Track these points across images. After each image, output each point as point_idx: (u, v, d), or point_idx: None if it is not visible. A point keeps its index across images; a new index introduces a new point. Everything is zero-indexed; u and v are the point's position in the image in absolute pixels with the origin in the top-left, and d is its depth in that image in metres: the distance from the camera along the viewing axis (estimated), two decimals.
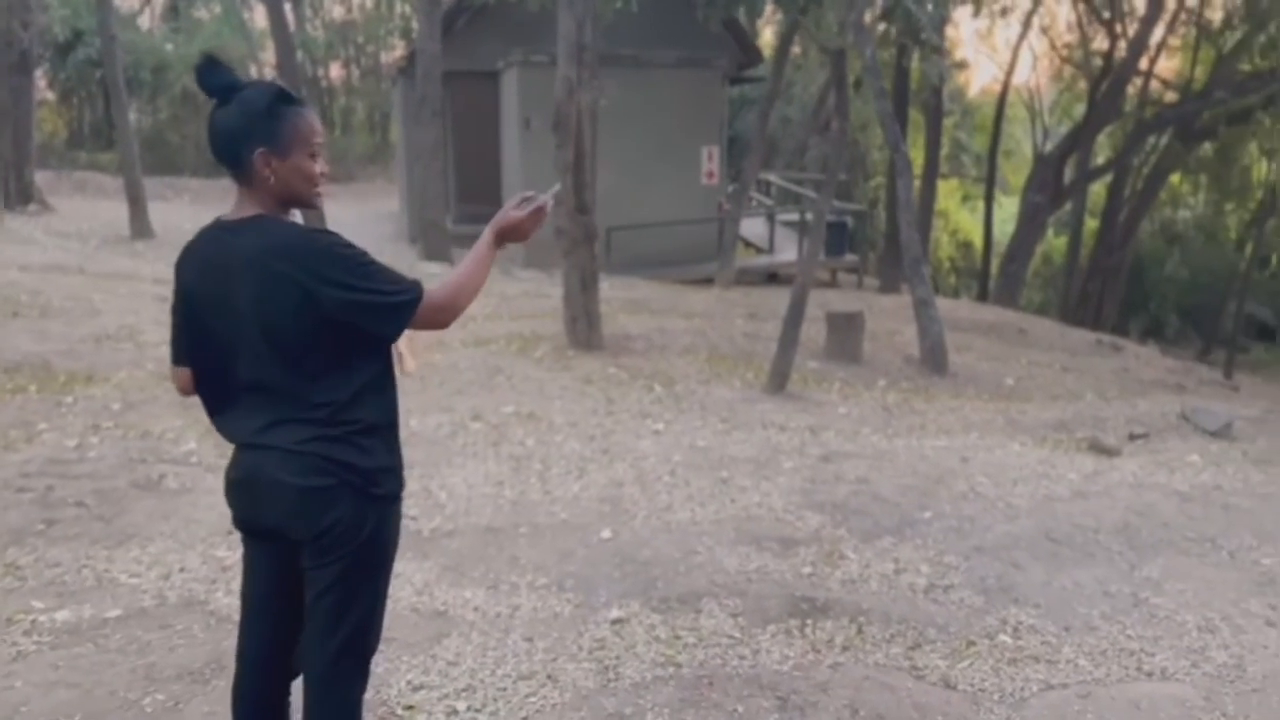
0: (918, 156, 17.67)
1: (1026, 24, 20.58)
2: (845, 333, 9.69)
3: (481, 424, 6.59)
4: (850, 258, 17.90)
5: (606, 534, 4.83)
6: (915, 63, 13.34)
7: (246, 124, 2.10)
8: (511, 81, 16.12)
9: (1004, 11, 18.72)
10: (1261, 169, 24.32)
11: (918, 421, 7.48)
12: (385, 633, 3.85)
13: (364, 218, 21.15)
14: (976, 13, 14.11)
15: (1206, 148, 22.21)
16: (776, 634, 3.97)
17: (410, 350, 2.77)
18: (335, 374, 2.16)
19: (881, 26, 10.81)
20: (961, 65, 21.27)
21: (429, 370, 7.64)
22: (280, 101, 2.13)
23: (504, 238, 2.33)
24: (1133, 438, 7.49)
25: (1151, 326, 24.71)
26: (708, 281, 15.24)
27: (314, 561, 2.23)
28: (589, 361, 8.74)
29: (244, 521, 2.32)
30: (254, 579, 2.38)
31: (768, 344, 10.15)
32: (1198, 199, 26.23)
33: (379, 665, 3.56)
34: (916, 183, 18.56)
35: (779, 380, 7.93)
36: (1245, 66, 20.72)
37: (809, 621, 4.08)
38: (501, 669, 3.57)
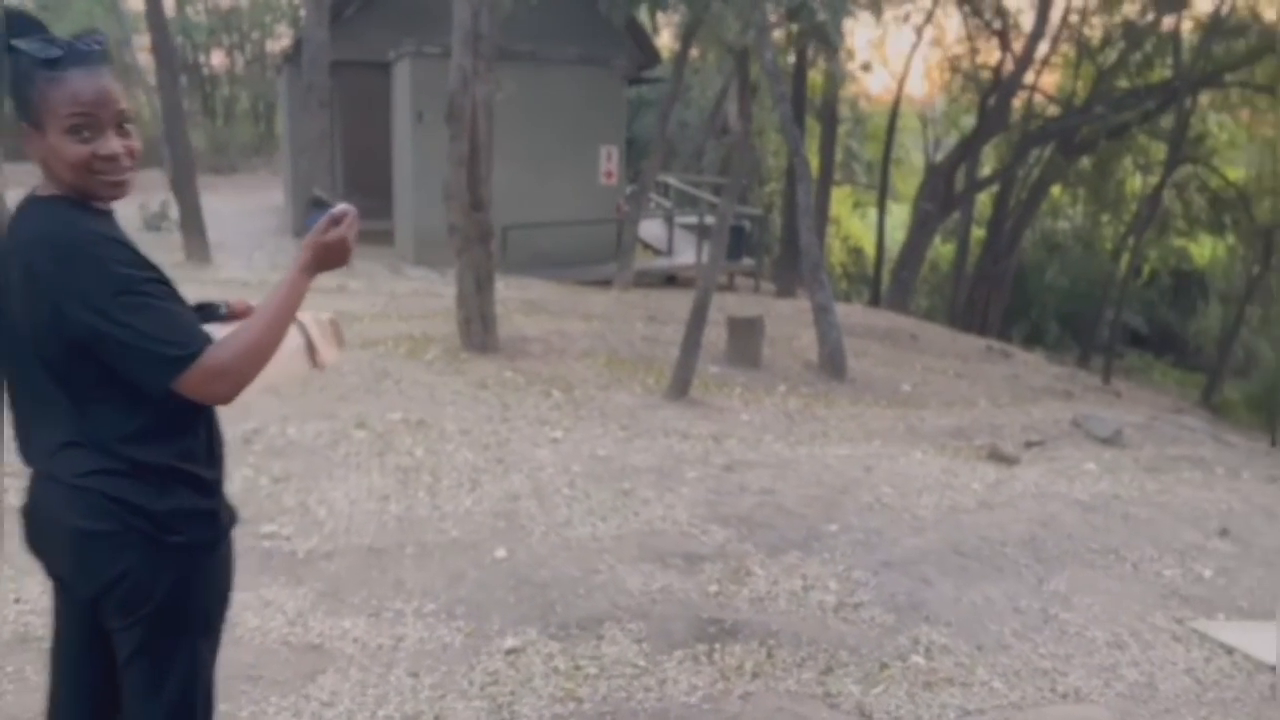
0: (813, 163, 17.80)
1: (919, 34, 20.98)
2: (746, 337, 9.55)
3: (366, 432, 6.18)
4: (747, 262, 17.90)
5: (501, 553, 4.51)
6: (819, 66, 13.34)
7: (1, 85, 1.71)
8: (404, 73, 15.58)
9: (906, 17, 19.01)
10: (1135, 182, 25.36)
11: (820, 429, 7.36)
12: (251, 671, 3.48)
13: (246, 211, 20.24)
14: (878, 17, 14.21)
15: (1085, 161, 23.02)
16: (684, 661, 3.73)
17: (324, 338, 2.26)
18: (115, 399, 1.75)
19: (778, 32, 10.77)
20: (866, 68, 21.53)
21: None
22: (27, 57, 1.70)
23: (322, 264, 1.86)
24: (1029, 445, 7.53)
25: (1032, 333, 25.49)
26: (606, 283, 14.99)
27: (112, 622, 1.83)
28: (483, 365, 8.38)
29: (42, 565, 1.92)
30: (62, 634, 1.96)
31: (668, 348, 9.96)
32: (1076, 210, 27.19)
33: (243, 709, 3.17)
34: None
35: (681, 386, 7.72)
36: (1123, 84, 21.55)
37: (717, 646, 3.85)
38: (383, 710, 3.23)
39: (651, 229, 18.04)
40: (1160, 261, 25.73)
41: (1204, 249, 26.71)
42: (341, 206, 1.90)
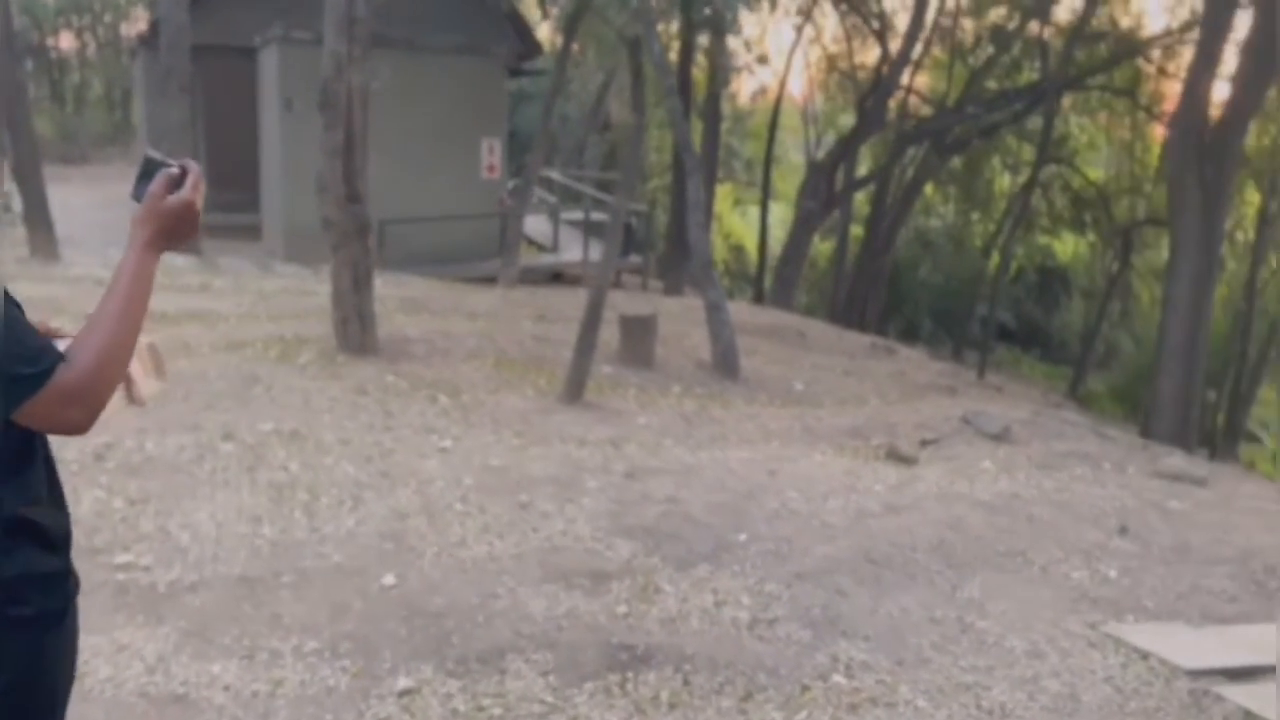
0: None
1: (799, 33, 21.15)
2: (638, 337, 9.30)
3: (234, 445, 5.66)
4: (634, 259, 17.69)
5: (390, 580, 4.12)
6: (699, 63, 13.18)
7: None
8: (271, 59, 14.77)
9: (791, 10, 19.07)
10: (1004, 181, 26.23)
11: (719, 431, 7.17)
12: None
13: (98, 203, 18.90)
14: (773, 8, 14.11)
15: (957, 161, 23.65)
16: (595, 694, 3.44)
17: (142, 367, 1.87)
18: None
19: (661, 26, 10.59)
20: (763, 60, 21.53)
21: (170, 380, 6.58)
22: None
23: (169, 236, 1.53)
24: (924, 443, 7.50)
25: (907, 329, 26.08)
26: (490, 280, 14.54)
27: None
28: (363, 368, 7.88)
29: None
30: None
31: (559, 348, 9.62)
32: (948, 209, 27.94)
33: None
34: None
35: (575, 389, 7.41)
36: (993, 85, 22.20)
37: (630, 675, 3.58)
38: None
39: (536, 225, 17.65)
40: (1026, 259, 26.66)
41: (1067, 246, 27.81)
42: (181, 163, 1.54)
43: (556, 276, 17.02)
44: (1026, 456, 7.34)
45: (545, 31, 26.05)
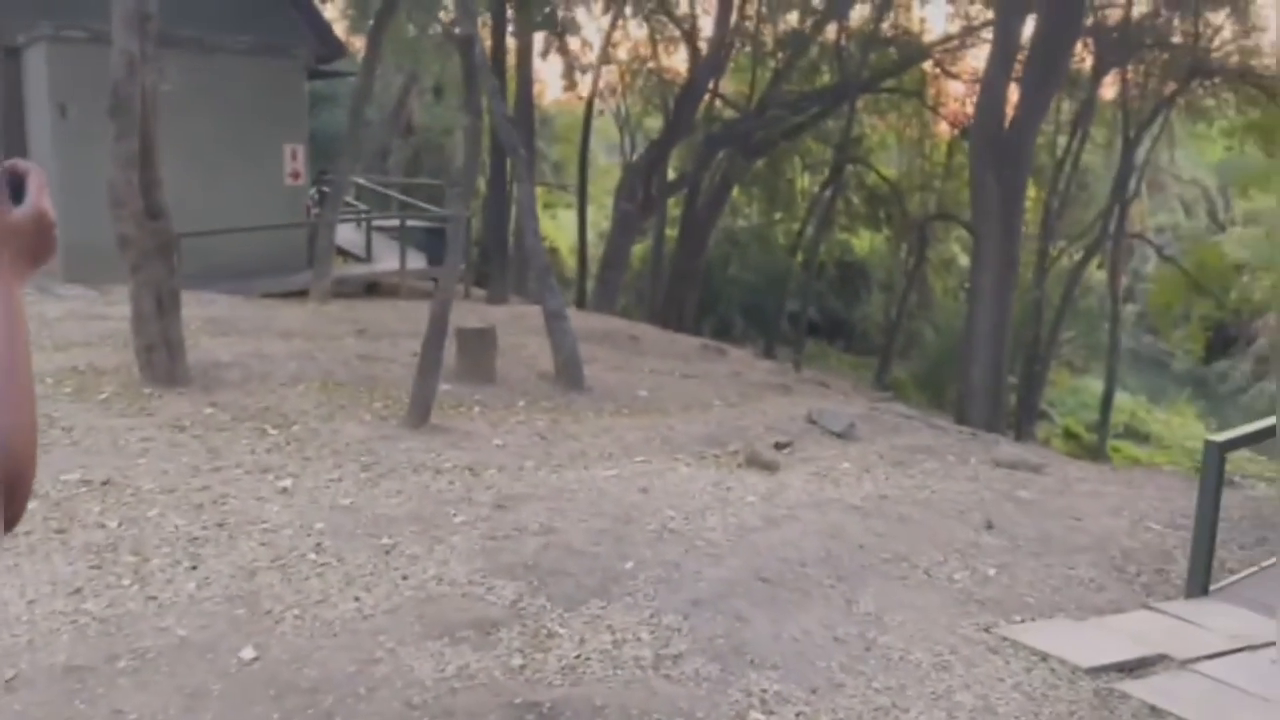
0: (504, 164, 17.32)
1: (608, 38, 21.08)
2: (478, 351, 8.86)
3: (37, 502, 4.90)
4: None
5: (249, 653, 3.61)
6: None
7: None
8: (39, 60, 13.30)
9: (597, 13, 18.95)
10: (804, 182, 27.14)
11: (577, 448, 6.86)
12: None
13: None
14: (607, 10, 13.87)
15: (760, 163, 24.26)
16: None
17: None
18: None
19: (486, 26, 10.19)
20: (605, 60, 21.24)
21: None
22: None
23: (32, 258, 1.14)
24: (779, 447, 7.46)
25: (720, 327, 26.57)
26: (301, 294, 13.63)
27: None
28: (176, 402, 7.10)
29: None
30: None
31: (389, 366, 9.07)
32: (753, 209, 28.64)
33: None
34: None
35: (421, 411, 6.91)
36: (794, 88, 22.90)
37: None
38: None
39: (347, 234, 16.73)
40: (826, 254, 27.72)
41: (864, 242, 29.08)
42: (7, 164, 1.11)
43: (372, 287, 16.19)
44: (878, 454, 7.43)
45: (341, 30, 24.90)
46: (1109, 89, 20.06)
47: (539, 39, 17.59)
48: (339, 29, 22.17)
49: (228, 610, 3.94)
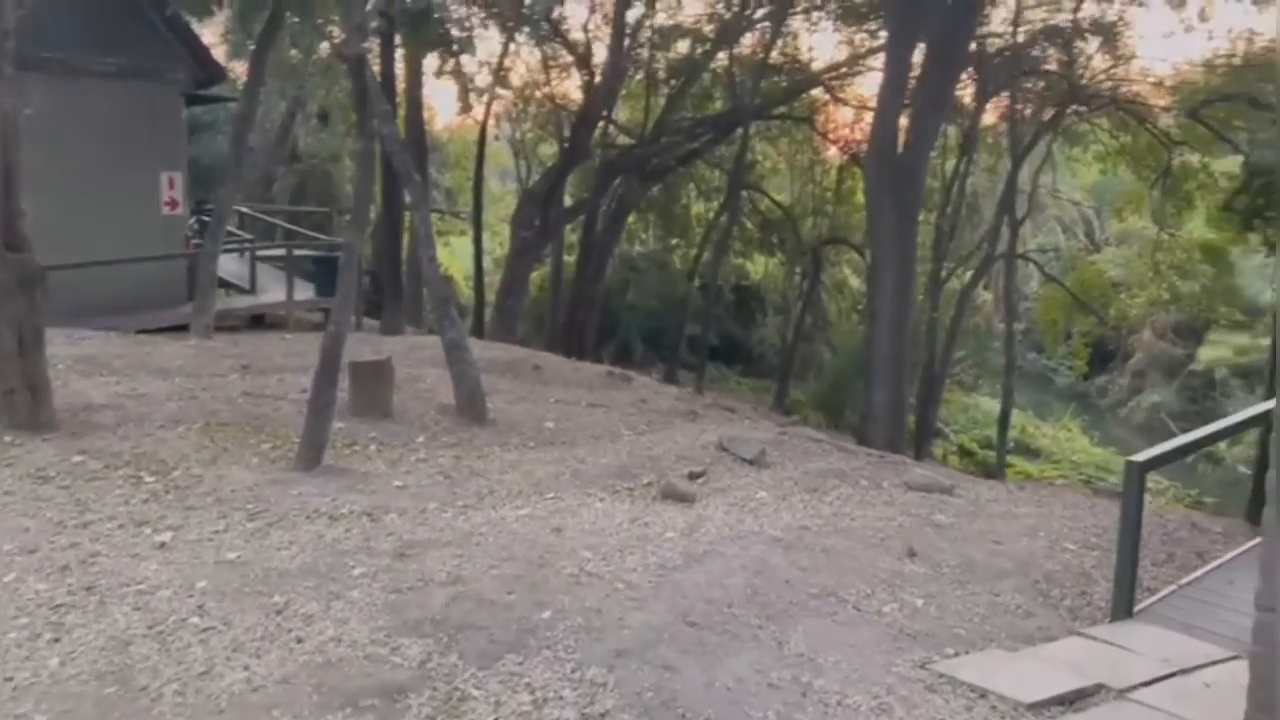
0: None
1: (499, 65, 20.77)
2: (373, 385, 8.42)
3: None
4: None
5: None
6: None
7: None
8: None
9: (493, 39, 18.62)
10: (699, 208, 27.29)
11: (485, 486, 6.51)
12: None
13: None
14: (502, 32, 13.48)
15: (656, 189, 24.28)
16: None
17: None
18: None
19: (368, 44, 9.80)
20: (503, 81, 20.81)
21: None
22: None
23: None
24: (692, 477, 7.25)
25: (620, 352, 26.42)
26: (181, 329, 12.91)
27: None
28: (39, 449, 6.49)
29: None
30: None
31: (277, 403, 8.55)
32: (650, 235, 28.64)
33: None
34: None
35: (313, 452, 6.47)
36: (688, 115, 23.00)
37: None
38: None
39: (230, 264, 15.98)
40: (722, 278, 27.90)
41: (759, 266, 29.37)
42: None
43: (257, 320, 15.49)
44: (792, 481, 7.28)
45: (221, 54, 24.02)
46: (991, 115, 20.71)
47: (433, 60, 17.25)
48: (219, 53, 21.38)
49: (96, 689, 3.50)
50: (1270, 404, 6.88)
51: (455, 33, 6.76)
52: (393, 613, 4.24)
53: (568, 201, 22.24)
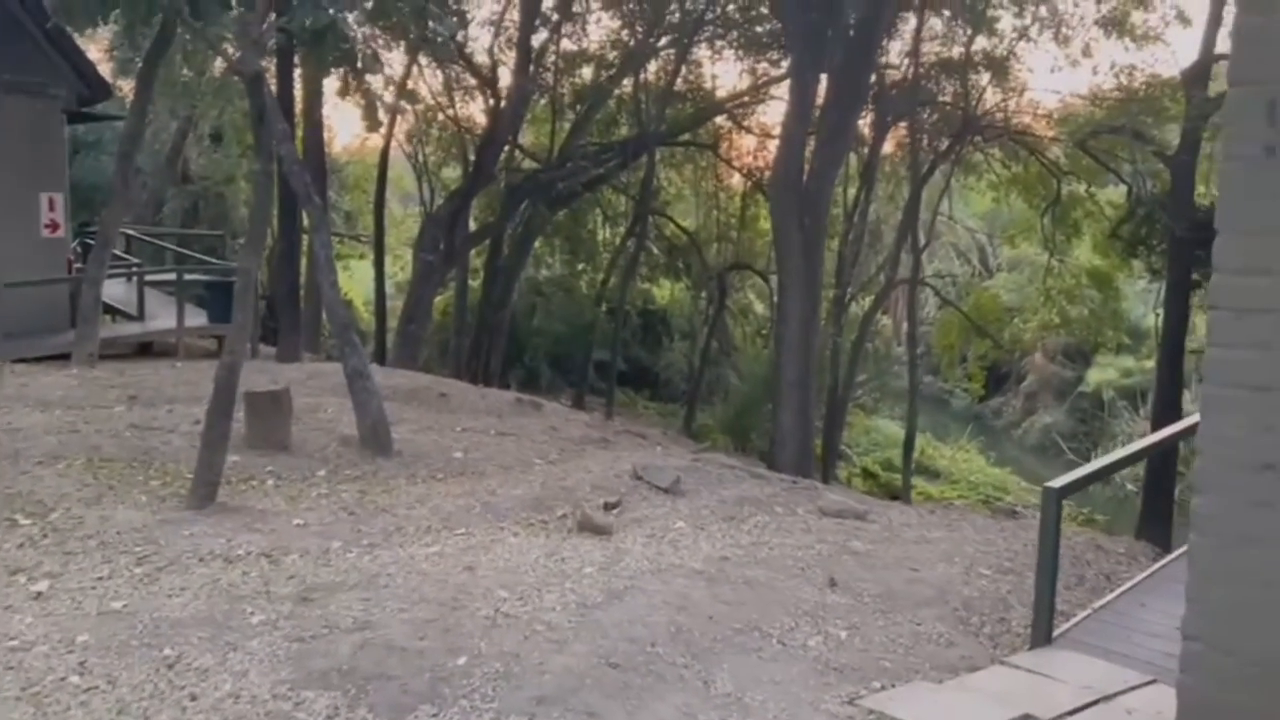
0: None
1: (403, 85, 20.41)
2: (270, 415, 8.03)
3: None
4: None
5: None
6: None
7: None
8: None
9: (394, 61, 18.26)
10: (605, 233, 27.28)
11: (392, 522, 6.22)
12: None
13: None
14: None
15: (562, 214, 24.16)
16: None
17: None
18: None
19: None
20: (406, 98, 20.31)
21: None
22: None
23: None
24: (608, 507, 7.09)
25: (527, 378, 26.14)
26: (63, 358, 12.21)
27: None
28: None
29: None
30: None
31: (167, 437, 8.11)
32: (555, 259, 28.49)
33: None
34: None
35: (207, 489, 6.10)
36: (595, 140, 22.98)
37: None
38: None
39: (116, 290, 15.23)
40: (629, 303, 27.91)
41: (664, 291, 29.48)
42: None
43: (145, 348, 14.78)
44: (709, 510, 7.18)
45: (108, 71, 23.03)
46: (891, 145, 21.21)
47: (335, 81, 16.81)
48: (105, 69, 20.49)
49: None
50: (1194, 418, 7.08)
51: (360, 50, 6.52)
52: (296, 663, 3.96)
53: (472, 225, 21.96)
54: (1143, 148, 17.01)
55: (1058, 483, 4.94)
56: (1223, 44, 16.65)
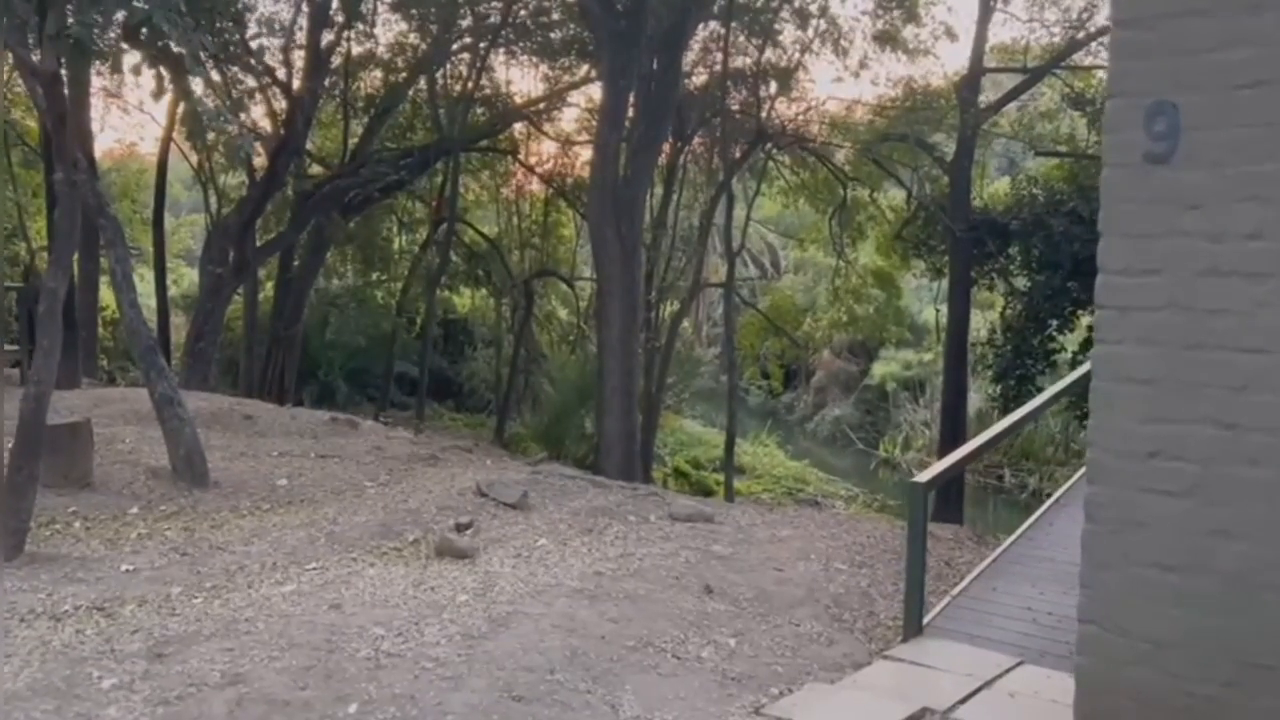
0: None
1: (166, 81, 18.94)
2: (69, 450, 7.21)
3: None
4: (9, 347, 14.23)
5: None
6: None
7: None
8: None
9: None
10: (400, 241, 26.52)
11: (232, 561, 5.71)
12: None
13: None
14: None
15: (353, 222, 23.25)
16: None
17: None
18: None
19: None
20: (241, 102, 18.75)
21: None
22: None
23: None
24: (460, 529, 6.82)
25: (323, 394, 24.97)
26: None
27: None
28: None
29: None
30: None
31: None
32: (348, 269, 27.41)
33: None
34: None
35: (15, 539, 5.38)
36: (390, 146, 22.23)
37: None
38: None
39: None
40: (428, 312, 27.22)
41: (465, 299, 28.96)
42: None
43: None
44: (565, 524, 7.06)
45: None
46: (694, 152, 21.68)
47: (149, 80, 15.37)
48: None
49: None
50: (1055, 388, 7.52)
51: (176, 49, 5.88)
52: None
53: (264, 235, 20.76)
54: (923, 154, 18.18)
55: (923, 477, 5.14)
56: (989, 59, 18.13)
